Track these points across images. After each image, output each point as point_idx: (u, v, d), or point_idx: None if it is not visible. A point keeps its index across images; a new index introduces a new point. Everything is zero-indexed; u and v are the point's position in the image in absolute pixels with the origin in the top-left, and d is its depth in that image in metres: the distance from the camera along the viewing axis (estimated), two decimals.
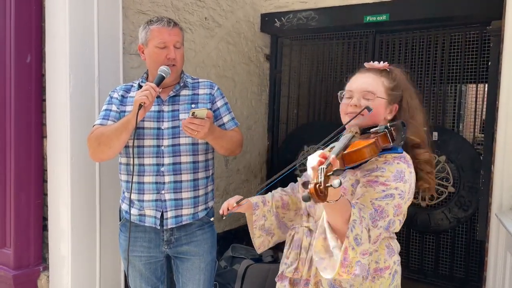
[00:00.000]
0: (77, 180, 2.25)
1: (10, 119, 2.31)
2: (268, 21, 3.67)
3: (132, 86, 1.91)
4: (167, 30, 1.76)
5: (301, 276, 1.41)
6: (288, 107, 3.93)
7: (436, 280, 3.29)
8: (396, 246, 1.43)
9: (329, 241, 1.19)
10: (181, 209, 1.80)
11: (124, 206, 1.88)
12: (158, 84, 1.68)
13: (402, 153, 1.34)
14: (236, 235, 3.49)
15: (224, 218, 1.46)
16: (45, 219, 2.42)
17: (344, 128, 1.39)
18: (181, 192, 1.79)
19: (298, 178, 1.62)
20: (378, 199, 1.24)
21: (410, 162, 1.34)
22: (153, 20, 1.81)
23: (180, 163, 1.78)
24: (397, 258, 1.42)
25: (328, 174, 1.03)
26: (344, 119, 1.42)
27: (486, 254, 2.22)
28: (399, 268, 1.44)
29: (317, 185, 1.01)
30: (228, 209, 1.47)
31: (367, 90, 1.37)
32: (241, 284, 2.84)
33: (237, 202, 1.47)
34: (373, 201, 1.24)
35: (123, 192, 1.90)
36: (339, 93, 1.46)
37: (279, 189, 1.68)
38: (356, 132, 1.31)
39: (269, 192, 1.66)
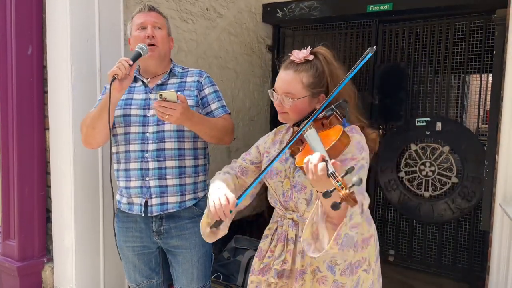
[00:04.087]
0: (80, 171, 2.25)
1: (12, 111, 2.31)
2: (270, 11, 3.64)
3: None
4: (145, 14, 1.82)
5: (289, 268, 1.44)
6: None
7: (439, 270, 3.29)
8: (369, 213, 1.46)
9: (320, 230, 1.21)
10: (167, 196, 1.78)
11: (117, 196, 1.90)
12: (133, 60, 1.68)
13: (349, 125, 1.37)
14: (239, 226, 3.49)
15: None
16: (48, 211, 2.43)
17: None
18: (165, 179, 1.77)
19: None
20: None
21: (358, 129, 1.37)
22: (135, 11, 1.87)
23: (164, 149, 1.77)
24: (374, 225, 1.49)
25: (342, 175, 1.03)
26: (279, 117, 1.42)
27: (490, 244, 2.22)
28: (376, 234, 1.51)
29: (346, 190, 1.00)
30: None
31: (286, 91, 1.36)
32: (244, 275, 2.85)
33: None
34: None
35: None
36: (269, 92, 1.44)
37: (221, 172, 1.60)
38: (310, 127, 1.26)
39: (220, 175, 1.57)
